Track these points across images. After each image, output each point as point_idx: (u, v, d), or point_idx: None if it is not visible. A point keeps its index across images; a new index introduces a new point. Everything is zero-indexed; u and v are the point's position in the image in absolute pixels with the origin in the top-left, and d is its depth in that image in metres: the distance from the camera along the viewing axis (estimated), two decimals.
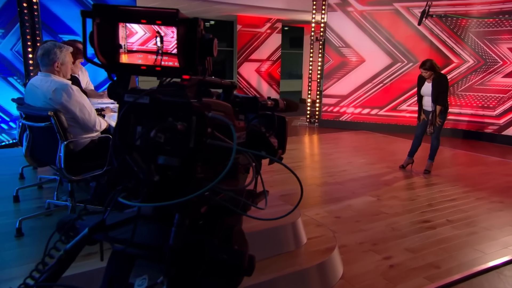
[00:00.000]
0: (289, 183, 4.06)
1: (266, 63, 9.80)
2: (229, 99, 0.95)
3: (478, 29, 6.77)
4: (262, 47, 9.63)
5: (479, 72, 6.87)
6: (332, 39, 7.76)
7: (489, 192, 3.93)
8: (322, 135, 7.08)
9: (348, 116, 7.86)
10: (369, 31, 7.51)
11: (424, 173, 4.52)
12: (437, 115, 4.31)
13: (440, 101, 4.29)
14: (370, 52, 7.54)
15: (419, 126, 4.55)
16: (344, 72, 7.77)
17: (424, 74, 4.33)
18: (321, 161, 5.24)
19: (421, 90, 4.45)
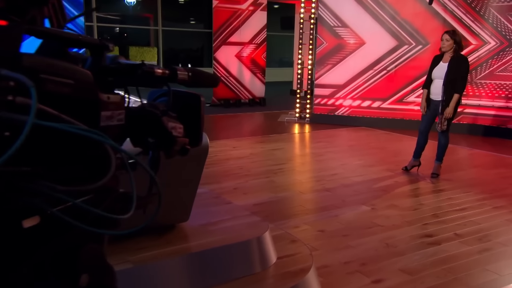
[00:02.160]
0: (269, 190, 4.06)
1: (249, 47, 9.74)
2: (97, 65, 0.84)
3: (501, 3, 6.74)
4: (243, 28, 9.52)
5: (502, 55, 6.83)
6: (325, 17, 7.73)
7: (509, 200, 3.89)
8: (313, 133, 7.16)
9: (345, 109, 7.88)
10: (370, 7, 7.49)
11: (432, 177, 4.50)
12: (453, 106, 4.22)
13: (459, 87, 4.20)
14: (371, 33, 7.53)
15: (424, 120, 4.52)
16: (340, 57, 7.76)
17: (444, 45, 4.24)
18: (309, 163, 5.31)
19: (433, 72, 4.37)
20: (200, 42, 16.02)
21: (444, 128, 4.30)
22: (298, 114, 8.11)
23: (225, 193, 3.83)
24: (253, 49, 9.79)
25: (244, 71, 9.81)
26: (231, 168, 4.74)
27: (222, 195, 3.74)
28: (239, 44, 9.57)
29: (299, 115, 8.11)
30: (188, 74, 0.95)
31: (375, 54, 7.54)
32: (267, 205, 3.59)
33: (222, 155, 5.28)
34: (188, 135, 1.00)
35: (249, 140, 6.28)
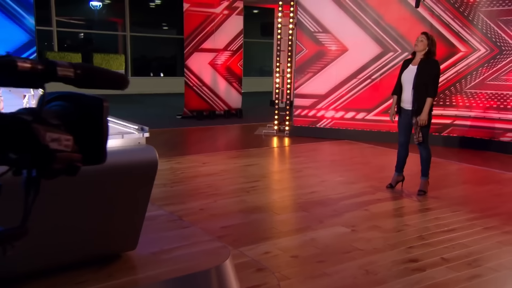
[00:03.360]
0: (239, 210, 3.97)
1: (224, 54, 9.76)
2: None
3: (491, 7, 6.84)
4: (217, 33, 9.53)
5: (493, 63, 6.90)
6: (305, 22, 7.75)
7: (501, 220, 3.85)
8: (292, 146, 7.20)
9: (327, 121, 7.88)
10: (353, 11, 7.53)
11: (418, 194, 4.47)
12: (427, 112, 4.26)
13: (431, 91, 4.26)
14: (354, 39, 7.57)
15: (401, 131, 4.54)
16: (321, 65, 7.77)
17: (418, 45, 4.32)
18: (286, 180, 5.28)
19: (402, 76, 4.43)
20: (173, 49, 15.97)
21: (420, 140, 4.31)
22: (277, 127, 8.15)
23: (189, 215, 3.72)
24: (228, 57, 9.82)
25: (219, 80, 9.84)
26: (199, 186, 4.65)
27: (185, 218, 3.62)
28: (213, 51, 9.60)
29: (277, 128, 8.14)
30: (74, 71, 0.80)
31: (359, 62, 7.57)
32: (236, 228, 3.51)
33: (189, 172, 5.19)
34: (86, 149, 0.85)
35: (221, 155, 6.22)
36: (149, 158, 2.21)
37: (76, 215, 1.89)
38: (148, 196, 2.28)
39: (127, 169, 2.07)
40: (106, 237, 2.16)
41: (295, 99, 7.97)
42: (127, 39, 14.68)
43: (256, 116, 10.07)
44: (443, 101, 7.21)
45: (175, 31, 15.51)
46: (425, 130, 4.33)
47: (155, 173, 2.25)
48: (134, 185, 2.14)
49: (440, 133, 7.24)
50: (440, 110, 7.18)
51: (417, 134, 4.29)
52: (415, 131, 4.30)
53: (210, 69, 9.64)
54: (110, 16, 15.43)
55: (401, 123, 4.50)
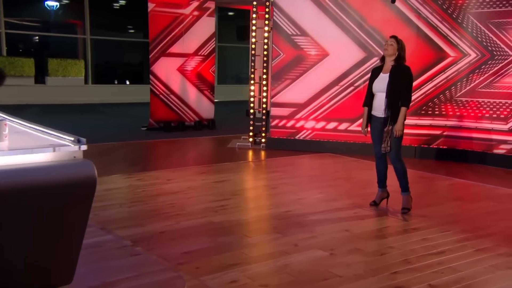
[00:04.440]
0: (205, 233, 3.87)
1: (194, 60, 9.73)
2: None
3: (481, 9, 6.93)
4: (187, 36, 9.48)
5: (484, 69, 6.98)
6: (282, 24, 7.76)
7: (495, 241, 3.84)
8: (269, 160, 7.18)
9: (306, 133, 7.86)
10: (334, 13, 7.57)
11: (402, 212, 4.47)
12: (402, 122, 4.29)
13: (405, 99, 4.32)
14: (335, 43, 7.59)
15: (376, 143, 4.56)
16: (300, 71, 7.77)
17: (387, 49, 4.38)
18: (259, 197, 5.24)
19: (374, 86, 4.48)
20: (140, 54, 15.87)
21: (388, 150, 4.33)
22: (252, 139, 8.11)
23: (146, 239, 3.61)
24: (199, 62, 9.81)
25: (189, 88, 9.80)
26: (160, 206, 4.54)
27: (141, 243, 3.51)
28: (181, 56, 9.56)
29: (253, 140, 8.11)
30: None
31: (341, 68, 7.59)
32: (199, 254, 3.41)
33: (151, 190, 5.08)
34: None
35: (189, 171, 6.13)
36: (86, 175, 2.06)
37: None
38: (86, 219, 2.12)
39: (58, 187, 1.91)
40: (33, 269, 1.97)
41: (271, 108, 7.94)
42: (87, 43, 14.51)
43: (230, 127, 10.04)
44: (431, 110, 7.24)
45: (141, 34, 15.40)
46: (397, 141, 4.34)
47: (93, 191, 2.10)
48: (67, 207, 1.97)
49: (429, 145, 7.25)
50: (429, 120, 7.21)
51: (385, 143, 4.31)
52: (384, 140, 4.32)
53: (178, 75, 9.60)
54: (68, 17, 15.24)
55: (374, 133, 4.52)
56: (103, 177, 5.56)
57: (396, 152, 4.36)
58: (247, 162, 7.03)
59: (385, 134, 4.32)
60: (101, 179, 5.55)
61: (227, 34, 17.11)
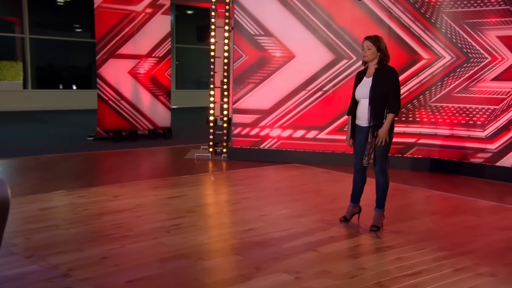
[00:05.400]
0: (155, 257, 3.74)
1: (147, 62, 9.65)
2: None
3: (455, 9, 7.06)
4: (139, 36, 9.39)
5: (460, 72, 7.10)
6: (244, 23, 7.74)
7: (474, 259, 3.85)
8: (230, 173, 7.16)
9: (272, 142, 7.85)
10: (300, 12, 7.58)
11: (371, 230, 4.45)
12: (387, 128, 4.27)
13: (393, 105, 4.28)
14: (302, 44, 7.60)
15: (357, 154, 4.54)
16: (264, 74, 7.76)
17: (366, 54, 4.35)
18: (218, 215, 5.18)
19: (356, 92, 4.47)
20: (89, 56, 15.62)
21: (371, 163, 4.31)
22: (212, 149, 8.09)
23: (85, 267, 3.45)
24: (153, 64, 9.74)
25: (142, 93, 9.72)
26: (104, 227, 4.39)
27: (77, 271, 3.35)
28: (133, 57, 9.49)
29: (213, 150, 8.09)
30: None
31: (308, 71, 7.61)
32: (147, 282, 3.29)
33: (94, 209, 4.93)
34: None
35: (139, 186, 6.01)
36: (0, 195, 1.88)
37: None
38: None
39: None
40: None
41: (233, 115, 7.90)
42: (26, 43, 14.14)
43: (188, 136, 10.01)
44: (405, 117, 7.30)
45: (89, 34, 15.11)
46: (382, 151, 4.31)
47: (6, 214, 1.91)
48: None
49: (402, 154, 7.30)
50: (402, 127, 7.26)
51: (368, 155, 4.28)
52: (368, 151, 4.29)
53: (130, 79, 9.52)
54: (4, 14, 14.78)
55: (357, 144, 4.50)
56: (39, 194, 5.37)
57: (381, 165, 4.33)
58: (206, 174, 6.99)
59: (368, 146, 4.28)
60: (36, 196, 5.42)
61: (187, 34, 17.10)
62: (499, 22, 6.66)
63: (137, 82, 9.60)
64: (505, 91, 6.68)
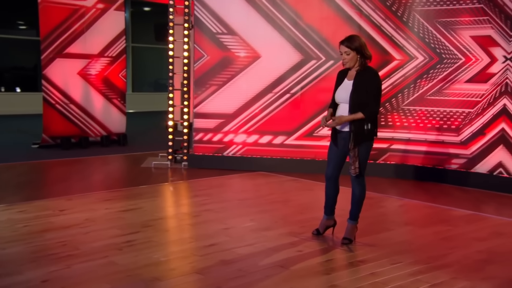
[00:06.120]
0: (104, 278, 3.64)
1: (99, 62, 9.56)
2: None
3: (427, 7, 7.14)
4: (89, 34, 9.30)
5: (433, 74, 7.19)
6: (205, 21, 7.69)
7: (452, 273, 3.85)
8: (191, 182, 7.15)
9: (236, 148, 7.83)
10: (265, 9, 7.56)
11: (343, 243, 4.44)
12: (349, 118, 4.23)
13: (370, 108, 4.26)
14: (268, 43, 7.60)
15: (331, 160, 4.52)
16: (227, 76, 7.72)
17: (345, 60, 4.31)
18: (177, 229, 5.11)
19: (336, 94, 4.45)
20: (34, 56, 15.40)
21: (357, 172, 4.28)
22: (172, 156, 8.00)
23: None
24: (106, 65, 9.63)
25: (94, 96, 9.61)
26: (47, 245, 4.25)
27: None
28: (83, 57, 9.39)
29: (172, 158, 8.03)
30: None
31: (275, 72, 7.61)
32: None
33: (36, 225, 4.78)
34: None
35: (89, 198, 5.90)
36: None
37: None
38: None
39: None
40: None
41: (194, 120, 7.83)
42: None
43: (145, 143, 9.98)
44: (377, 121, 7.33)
45: (35, 31, 14.83)
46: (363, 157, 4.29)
47: None
48: None
49: (375, 160, 7.33)
50: None
51: (353, 164, 4.24)
52: (351, 160, 4.25)
53: (80, 81, 9.39)
54: None
55: (332, 150, 4.46)
56: None
57: (360, 175, 4.29)
58: (165, 184, 6.93)
59: (351, 154, 4.24)
60: None
61: (144, 33, 17.04)
62: (473, 21, 6.78)
63: (88, 84, 9.49)
64: (480, 94, 6.78)
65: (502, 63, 6.53)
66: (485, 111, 6.70)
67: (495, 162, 6.63)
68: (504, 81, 6.52)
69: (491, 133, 6.67)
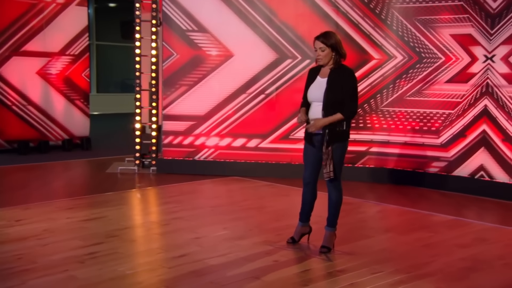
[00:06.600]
0: None
1: (60, 61, 9.51)
2: None
3: (406, 4, 7.21)
4: (49, 31, 9.25)
5: (412, 74, 7.24)
6: (174, 17, 7.65)
7: (435, 282, 3.87)
8: (160, 188, 7.15)
9: (208, 152, 7.81)
10: (238, 5, 7.56)
11: (321, 252, 4.43)
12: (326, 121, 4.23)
13: (350, 108, 4.28)
14: (241, 41, 7.60)
15: (308, 164, 4.52)
16: (198, 76, 7.69)
17: (320, 57, 4.31)
18: (145, 239, 5.08)
19: (308, 93, 4.44)
20: None
21: (332, 176, 4.27)
22: (139, 161, 7.98)
23: None
24: (67, 64, 9.58)
25: (54, 97, 9.54)
26: (2, 259, 4.20)
27: None
28: (42, 55, 9.31)
29: (140, 163, 8.02)
30: None
31: (249, 71, 7.60)
32: None
33: None
34: None
35: (48, 207, 5.82)
36: None
37: None
38: None
39: None
40: None
41: (163, 122, 7.78)
42: None
43: (111, 147, 9.94)
44: (355, 123, 7.37)
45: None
46: (338, 160, 4.29)
47: None
48: None
49: (353, 164, 7.36)
50: (353, 134, 7.23)
51: (328, 167, 4.23)
52: (326, 163, 4.24)
53: (39, 80, 9.32)
54: None
55: (308, 153, 4.46)
56: None
57: (336, 179, 4.28)
58: (132, 191, 6.91)
59: (325, 156, 4.22)
60: None
61: (109, 31, 16.97)
62: (453, 19, 6.85)
63: (48, 84, 9.42)
64: (461, 94, 6.86)
65: (483, 62, 6.61)
66: (466, 112, 6.78)
67: (476, 165, 6.70)
68: (485, 81, 6.60)
69: (472, 135, 6.75)
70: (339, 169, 4.30)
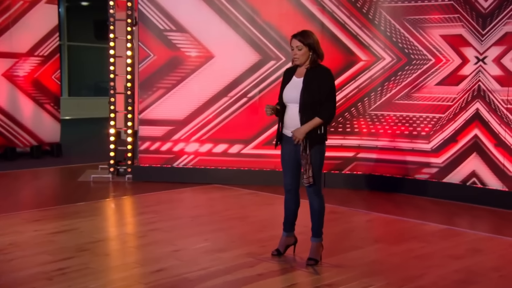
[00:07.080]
0: None
1: (28, 62, 9.48)
2: None
3: (394, 3, 7.26)
4: (16, 30, 9.19)
5: (401, 76, 7.28)
6: (151, 16, 7.65)
7: None
8: (137, 197, 7.16)
9: (188, 159, 7.83)
10: (219, 4, 7.57)
11: (308, 264, 4.41)
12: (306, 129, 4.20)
13: (328, 110, 4.27)
14: (222, 42, 7.62)
15: (287, 170, 4.52)
16: (177, 78, 7.70)
17: (297, 56, 4.31)
18: (119, 253, 5.03)
19: (284, 93, 4.43)
20: None
21: (311, 181, 4.25)
22: (114, 169, 8.00)
23: None
24: (36, 65, 9.54)
25: (22, 101, 9.52)
26: None
27: None
28: (9, 56, 9.29)
29: (115, 170, 8.04)
30: None
31: (230, 74, 7.61)
32: None
33: None
34: None
35: (13, 219, 5.76)
36: None
37: None
38: None
39: None
40: None
41: (140, 127, 7.76)
42: None
43: (83, 153, 9.96)
44: (342, 128, 7.39)
45: None
46: (317, 165, 4.28)
47: None
48: None
49: (340, 170, 7.38)
50: (340, 139, 7.31)
51: (307, 173, 4.22)
52: (304, 169, 4.23)
53: (5, 83, 9.26)
54: None
55: (285, 158, 4.46)
56: None
57: (315, 185, 4.27)
58: (105, 201, 6.89)
59: (303, 162, 4.21)
60: None
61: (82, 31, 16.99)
62: (443, 19, 6.90)
63: (15, 87, 9.36)
64: (451, 97, 6.91)
65: (474, 64, 6.67)
66: (457, 116, 6.84)
67: (468, 172, 6.76)
68: (477, 83, 6.66)
69: (464, 140, 6.81)
70: (319, 173, 4.30)
